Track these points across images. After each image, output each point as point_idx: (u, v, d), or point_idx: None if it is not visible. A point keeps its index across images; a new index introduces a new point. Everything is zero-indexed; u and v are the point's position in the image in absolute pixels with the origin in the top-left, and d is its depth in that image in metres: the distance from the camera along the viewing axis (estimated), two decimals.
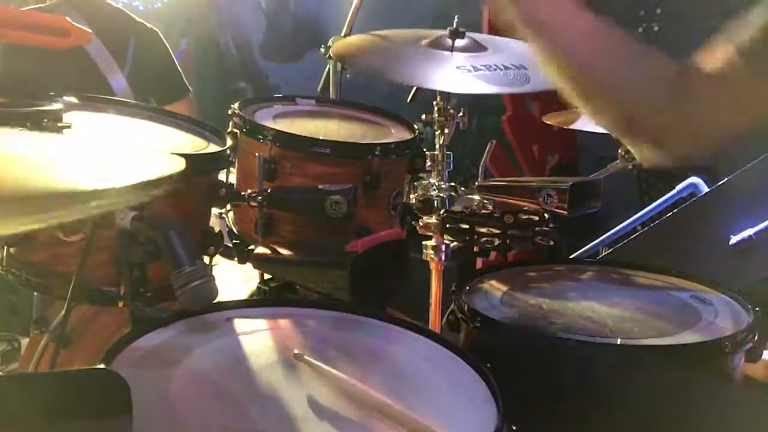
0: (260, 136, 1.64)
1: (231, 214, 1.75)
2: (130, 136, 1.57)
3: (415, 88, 2.20)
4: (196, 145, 1.60)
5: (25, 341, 1.92)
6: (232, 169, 1.66)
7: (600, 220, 2.74)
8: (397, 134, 1.82)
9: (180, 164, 0.80)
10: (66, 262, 1.40)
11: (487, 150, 2.04)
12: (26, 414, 0.79)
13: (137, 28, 2.72)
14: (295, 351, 1.12)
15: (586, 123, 2.30)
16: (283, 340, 1.21)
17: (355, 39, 2.08)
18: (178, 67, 2.83)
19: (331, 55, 2.24)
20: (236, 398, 1.04)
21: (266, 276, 1.68)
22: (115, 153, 0.93)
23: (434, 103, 1.90)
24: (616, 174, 2.35)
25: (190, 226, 1.44)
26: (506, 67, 1.79)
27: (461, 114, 1.90)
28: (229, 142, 1.62)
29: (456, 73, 1.76)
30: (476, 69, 1.76)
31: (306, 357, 1.11)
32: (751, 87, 1.06)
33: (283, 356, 1.15)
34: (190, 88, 2.87)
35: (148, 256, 1.29)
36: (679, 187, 2.65)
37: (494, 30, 1.98)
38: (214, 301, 1.27)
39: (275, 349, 1.18)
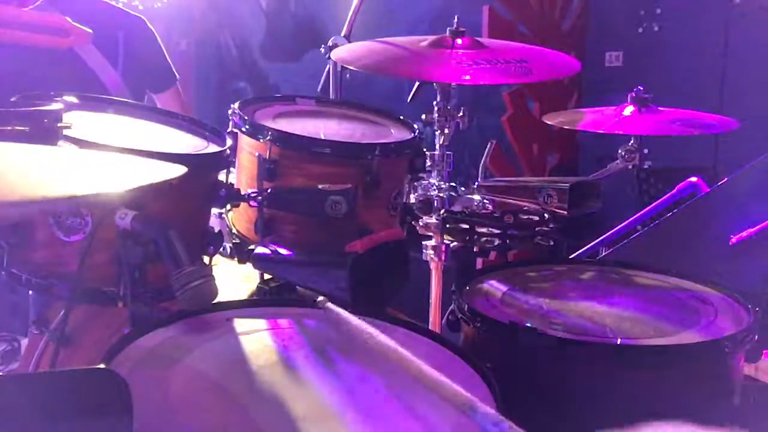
0: (260, 136, 1.64)
1: (231, 214, 1.75)
2: (130, 136, 1.57)
3: (415, 87, 2.20)
4: (196, 145, 1.60)
5: (25, 341, 1.92)
6: (232, 169, 1.66)
7: (600, 220, 2.74)
8: (397, 134, 1.82)
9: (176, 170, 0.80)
10: (66, 262, 1.40)
11: (487, 150, 2.04)
12: (26, 414, 0.79)
13: (124, 21, 2.65)
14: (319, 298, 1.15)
15: (586, 123, 2.30)
16: (283, 340, 1.21)
17: (356, 44, 2.08)
18: (166, 54, 2.80)
19: (331, 55, 2.24)
20: (236, 398, 1.04)
21: (266, 276, 1.68)
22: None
23: (434, 103, 1.90)
24: (616, 174, 2.35)
25: (190, 226, 1.44)
26: (507, 62, 1.79)
27: (461, 114, 1.90)
28: (229, 142, 1.61)
29: (457, 68, 1.76)
30: (477, 63, 1.76)
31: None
32: None
33: (283, 356, 1.15)
34: (177, 74, 2.85)
35: (148, 256, 1.29)
36: (679, 187, 2.65)
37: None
38: (214, 301, 1.27)
39: (275, 349, 1.18)
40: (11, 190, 0.66)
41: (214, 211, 1.66)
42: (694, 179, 2.61)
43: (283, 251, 1.57)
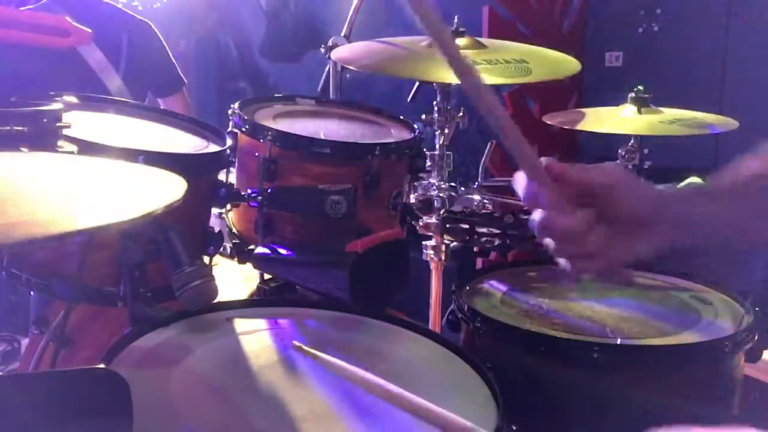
0: (260, 136, 1.64)
1: (231, 214, 1.75)
2: (130, 136, 1.57)
3: (415, 87, 2.20)
4: (196, 144, 1.60)
5: (25, 341, 1.92)
6: (232, 169, 1.66)
7: None
8: (397, 134, 1.82)
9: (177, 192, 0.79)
10: (66, 262, 1.40)
11: (487, 150, 2.04)
12: (26, 414, 0.79)
13: (129, 24, 2.64)
14: (294, 342, 1.14)
15: (586, 123, 2.30)
16: (283, 340, 1.21)
17: (356, 44, 2.09)
18: (173, 58, 2.79)
19: (331, 55, 2.24)
20: (236, 398, 1.04)
21: (266, 276, 1.68)
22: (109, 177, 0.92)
23: (434, 103, 1.90)
24: None
25: (190, 226, 1.44)
26: (507, 62, 1.79)
27: (461, 114, 1.90)
28: (229, 142, 1.61)
29: None
30: (477, 63, 1.77)
31: (305, 348, 1.13)
32: None
33: (283, 356, 1.15)
34: (185, 80, 2.84)
35: (148, 256, 1.29)
36: (679, 187, 2.65)
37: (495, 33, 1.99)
38: (214, 301, 1.27)
39: (275, 349, 1.18)
40: (13, 226, 0.65)
41: (214, 211, 1.66)
42: (694, 179, 2.60)
43: (283, 251, 1.57)
